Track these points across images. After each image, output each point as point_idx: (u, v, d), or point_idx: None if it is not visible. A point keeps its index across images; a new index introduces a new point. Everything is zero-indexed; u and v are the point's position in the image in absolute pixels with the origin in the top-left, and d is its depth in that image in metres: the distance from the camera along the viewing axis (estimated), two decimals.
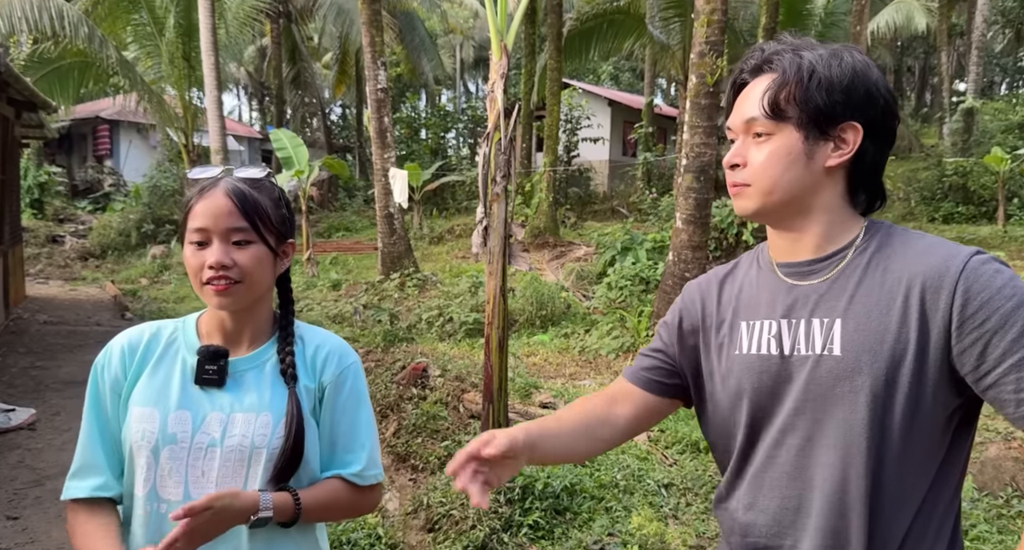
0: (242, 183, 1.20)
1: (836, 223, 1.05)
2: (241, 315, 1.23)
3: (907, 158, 15.86)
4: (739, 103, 1.08)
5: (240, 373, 1.22)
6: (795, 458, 1.02)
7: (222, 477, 1.16)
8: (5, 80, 6.78)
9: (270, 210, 1.21)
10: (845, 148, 1.02)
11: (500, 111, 3.36)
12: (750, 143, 1.05)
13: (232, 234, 1.16)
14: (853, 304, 0.99)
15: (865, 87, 1.01)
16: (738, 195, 1.07)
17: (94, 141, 21.46)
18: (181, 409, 1.18)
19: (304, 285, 10.92)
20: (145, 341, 1.23)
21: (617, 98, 21.37)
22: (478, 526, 3.23)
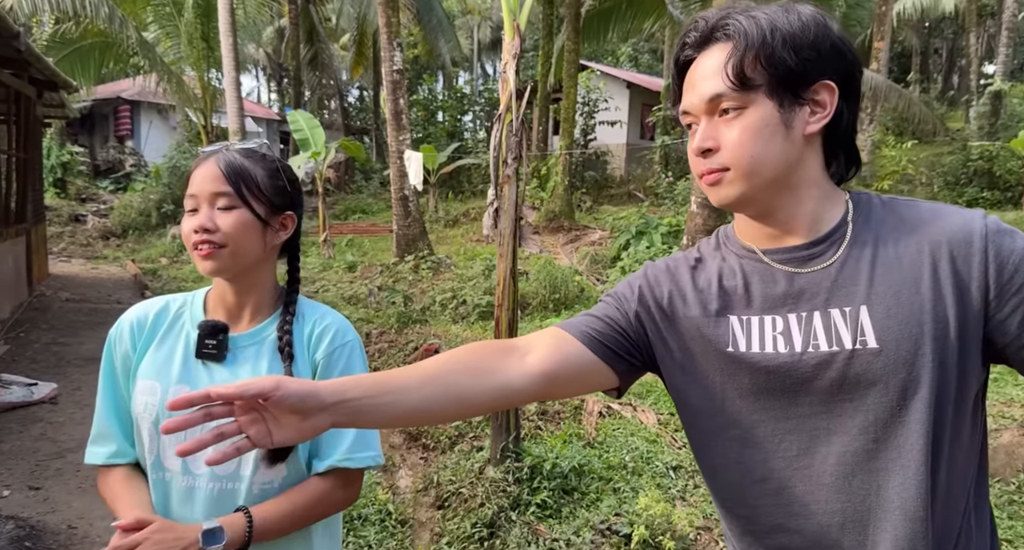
0: (235, 153, 1.23)
1: (823, 197, 0.94)
2: (240, 288, 1.25)
3: (931, 142, 15.54)
4: (690, 83, 0.94)
5: (240, 348, 1.23)
6: (835, 467, 0.89)
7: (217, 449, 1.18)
8: (26, 60, 6.86)
9: (260, 179, 1.22)
10: (822, 111, 0.91)
11: (512, 92, 3.34)
12: (718, 123, 0.92)
13: (216, 198, 1.19)
14: (875, 286, 0.88)
15: (830, 40, 0.90)
16: (717, 183, 0.93)
17: (115, 121, 21.67)
18: (181, 383, 1.20)
19: (320, 267, 11.01)
20: (153, 315, 1.27)
21: (636, 80, 21.11)
22: (487, 504, 3.28)
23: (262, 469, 1.19)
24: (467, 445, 4.18)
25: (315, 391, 0.84)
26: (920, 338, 0.85)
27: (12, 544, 3.00)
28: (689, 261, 1.05)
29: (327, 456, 1.22)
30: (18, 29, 5.81)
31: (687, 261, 1.05)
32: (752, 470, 0.95)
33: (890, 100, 12.17)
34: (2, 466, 3.91)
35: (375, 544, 3.09)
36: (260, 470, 1.19)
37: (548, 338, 1.02)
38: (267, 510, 1.16)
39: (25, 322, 7.45)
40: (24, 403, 4.88)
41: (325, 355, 1.25)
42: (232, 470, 1.19)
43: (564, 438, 4.07)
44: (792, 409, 0.92)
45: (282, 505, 1.17)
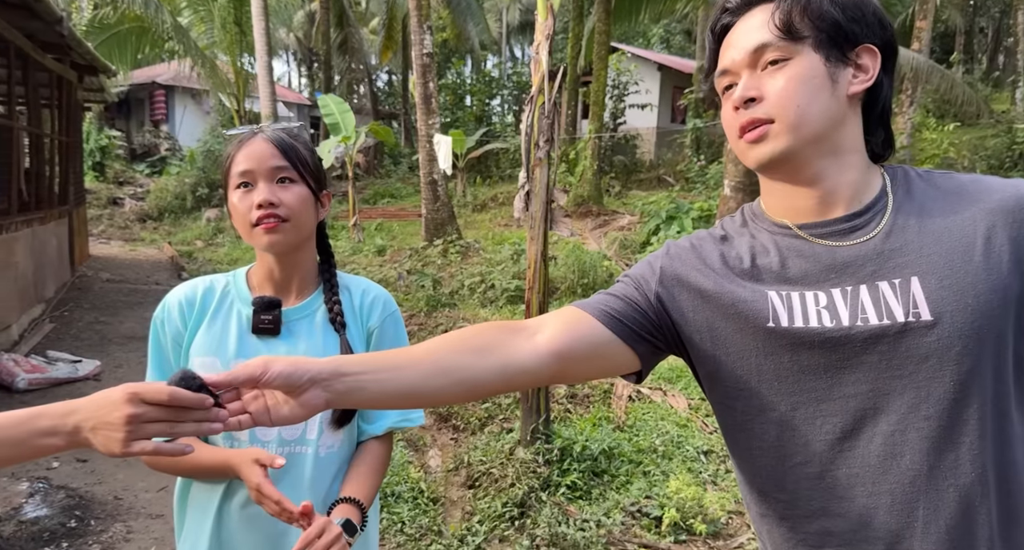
0: (280, 132, 1.28)
1: (864, 168, 0.92)
2: (288, 263, 1.28)
3: (975, 125, 15.06)
4: (729, 43, 0.93)
5: (293, 322, 1.28)
6: (882, 448, 0.85)
7: None
8: (68, 44, 7.01)
9: (307, 155, 1.27)
10: (864, 75, 0.89)
11: (544, 74, 3.32)
12: (761, 75, 0.89)
13: (276, 172, 1.22)
14: (925, 256, 0.85)
15: (873, 9, 0.90)
16: (760, 138, 0.89)
17: (151, 106, 22.05)
18: (239, 357, 1.24)
19: (350, 250, 11.13)
20: (201, 294, 1.30)
21: (667, 62, 20.78)
22: (517, 484, 3.32)
23: (327, 433, 1.25)
24: (497, 427, 4.22)
25: (306, 368, 0.84)
26: (976, 308, 0.82)
27: (63, 512, 3.14)
28: (715, 238, 1.00)
29: (381, 418, 1.30)
30: (61, 14, 5.94)
31: (712, 238, 1.01)
32: (792, 454, 0.91)
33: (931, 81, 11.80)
34: None
35: (408, 520, 3.15)
36: (324, 434, 1.25)
37: (561, 316, 0.98)
38: (363, 488, 1.25)
39: (68, 301, 7.69)
40: (69, 379, 5.06)
41: (379, 324, 1.32)
42: (298, 435, 1.24)
43: (593, 421, 4.09)
44: (836, 389, 0.87)
45: (369, 479, 1.27)
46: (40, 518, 3.06)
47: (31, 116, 7.23)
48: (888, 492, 0.86)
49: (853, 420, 0.87)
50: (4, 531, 2.94)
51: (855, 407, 0.87)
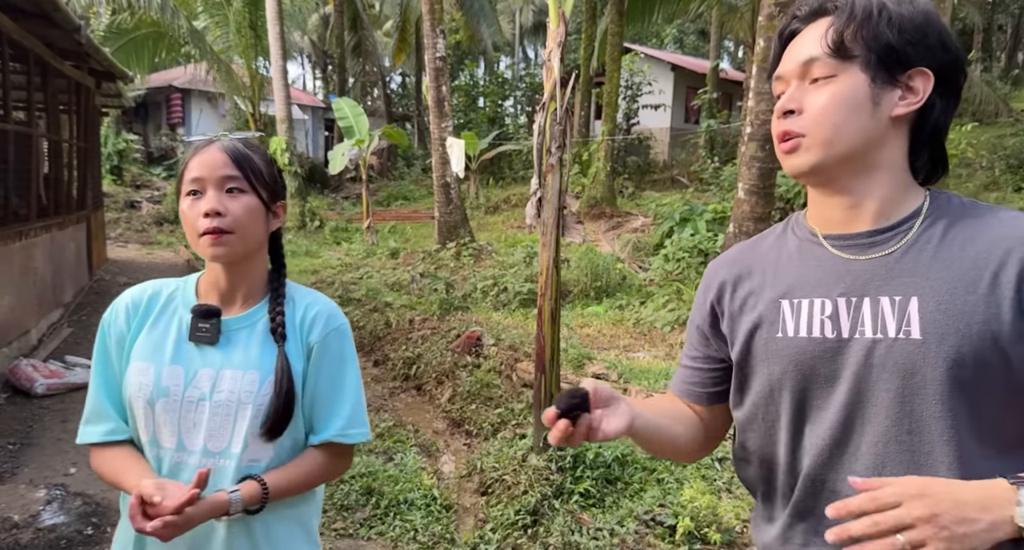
0: (235, 141, 1.27)
1: (900, 187, 0.93)
2: (236, 272, 1.28)
3: (993, 124, 14.84)
4: (791, 51, 0.96)
5: (233, 332, 1.26)
6: (867, 457, 0.89)
7: (210, 429, 1.22)
8: (86, 52, 7.09)
9: (262, 166, 1.27)
10: (913, 97, 0.90)
11: (556, 80, 3.32)
12: (807, 88, 0.92)
13: (226, 182, 1.22)
14: (931, 280, 0.87)
15: (938, 32, 0.90)
16: (792, 149, 0.93)
17: (168, 109, 22.27)
18: (174, 364, 1.24)
19: (364, 253, 11.18)
20: (147, 298, 1.30)
21: (680, 62, 20.69)
22: (530, 492, 3.31)
23: (252, 447, 1.23)
24: (509, 432, 4.21)
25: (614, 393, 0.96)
26: (966, 336, 0.84)
27: (80, 519, 3.17)
28: (751, 249, 1.08)
29: (322, 431, 1.28)
30: (79, 22, 6.01)
31: (741, 252, 1.08)
32: (788, 458, 0.96)
33: None
34: (68, 444, 4.11)
35: (421, 528, 3.15)
36: (250, 448, 1.23)
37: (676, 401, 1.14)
38: (276, 477, 1.23)
39: (86, 305, 7.78)
40: (87, 384, 5.11)
41: (320, 340, 1.29)
42: (223, 447, 1.23)
43: None
44: (830, 398, 0.92)
45: (289, 472, 1.25)
46: (57, 525, 3.09)
47: (50, 122, 7.33)
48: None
49: (843, 429, 0.91)
50: (22, 538, 2.98)
51: (845, 416, 0.91)
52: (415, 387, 5.44)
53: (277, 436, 1.23)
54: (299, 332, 1.28)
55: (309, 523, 1.36)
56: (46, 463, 3.82)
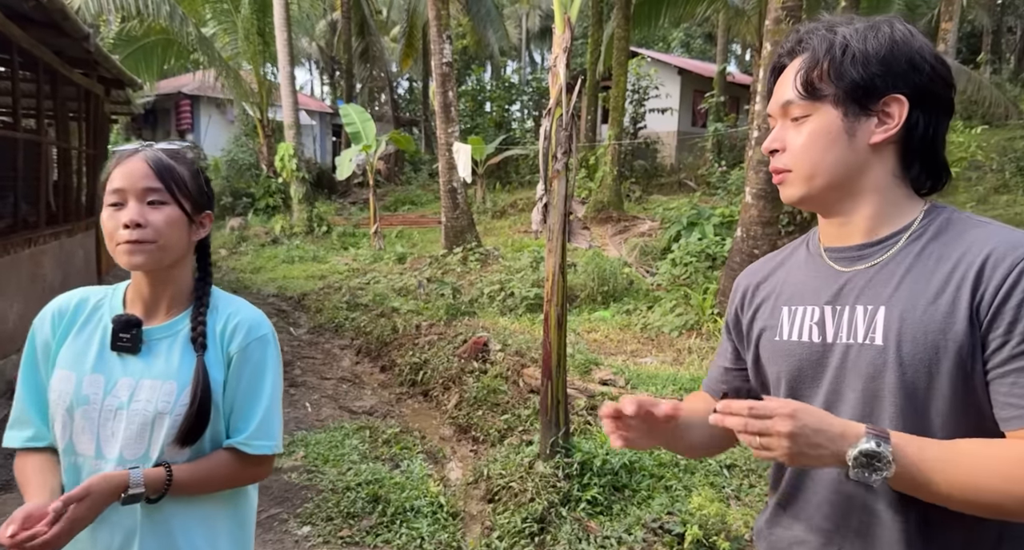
0: (159, 152, 1.26)
1: (889, 204, 1.00)
2: (158, 281, 1.28)
3: (1003, 126, 14.73)
4: (777, 87, 1.05)
5: (155, 341, 1.27)
6: None
7: (127, 438, 1.23)
8: (95, 60, 7.15)
9: (186, 177, 1.26)
10: (890, 122, 0.97)
11: (562, 86, 3.30)
12: (788, 127, 1.02)
13: (147, 194, 1.22)
14: (899, 291, 0.95)
15: (907, 56, 0.96)
16: (782, 182, 1.04)
17: (177, 116, 22.41)
18: (95, 373, 1.24)
19: (371, 258, 11.20)
20: (73, 305, 1.30)
21: (687, 66, 20.66)
22: (536, 499, 3.29)
23: (169, 452, 1.23)
24: (516, 439, 4.19)
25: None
26: (924, 344, 0.91)
27: None
28: (767, 261, 1.20)
29: (231, 436, 1.29)
30: (88, 31, 6.06)
31: (765, 262, 1.20)
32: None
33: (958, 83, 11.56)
34: None
35: (427, 536, 3.14)
36: (167, 453, 1.23)
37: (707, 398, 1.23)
38: (181, 468, 1.23)
39: None
40: None
41: (240, 349, 1.29)
42: (141, 454, 1.23)
43: None
44: (815, 397, 1.01)
45: (193, 467, 1.25)
46: None
47: (59, 130, 7.38)
48: (847, 491, 0.99)
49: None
50: None
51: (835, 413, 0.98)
52: (422, 393, 5.44)
53: (190, 445, 1.23)
54: (219, 341, 1.28)
55: (234, 532, 1.35)
56: None
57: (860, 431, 0.86)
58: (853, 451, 0.85)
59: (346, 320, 7.45)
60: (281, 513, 3.35)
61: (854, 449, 0.84)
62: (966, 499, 0.85)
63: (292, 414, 4.84)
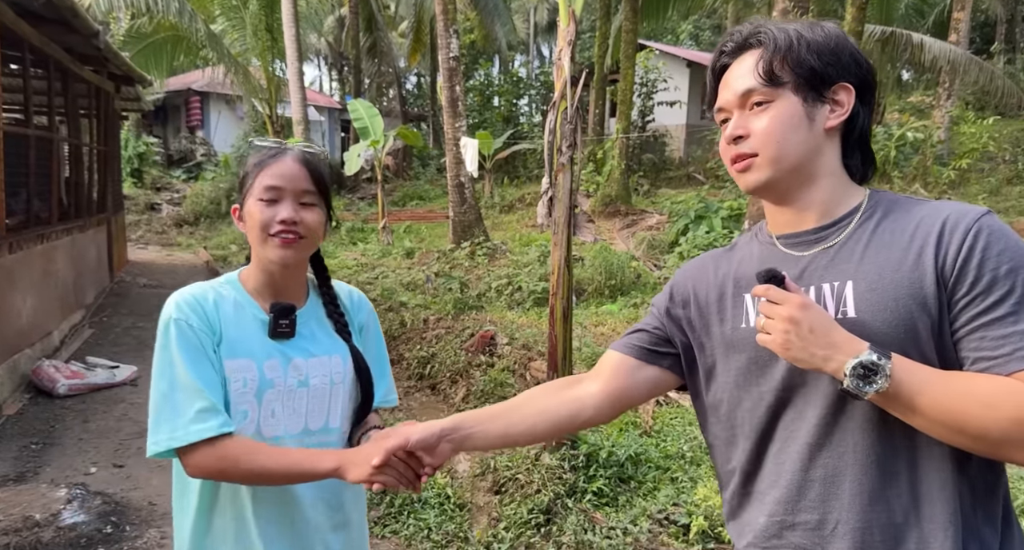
0: (310, 155, 1.37)
1: (839, 187, 1.06)
2: (290, 273, 1.38)
3: (1016, 117, 14.56)
4: (725, 83, 1.09)
5: (301, 324, 1.39)
6: (819, 427, 0.99)
7: (310, 411, 1.36)
8: (105, 57, 7.20)
9: (327, 180, 1.39)
10: (841, 109, 1.04)
11: (567, 79, 3.31)
12: (748, 115, 1.05)
13: (303, 195, 1.32)
14: (863, 264, 0.99)
15: (849, 51, 1.04)
16: (746, 168, 1.06)
17: (187, 112, 22.54)
18: (271, 358, 1.33)
19: (379, 253, 11.23)
20: (212, 299, 1.33)
21: (696, 58, 20.52)
22: (543, 490, 3.31)
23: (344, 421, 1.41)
24: None
25: (433, 431, 1.19)
26: (895, 311, 0.95)
27: (100, 518, 3.22)
28: (720, 253, 1.21)
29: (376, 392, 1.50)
30: (97, 28, 6.11)
31: (711, 256, 1.22)
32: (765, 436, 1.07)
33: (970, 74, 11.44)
34: (89, 444, 4.18)
35: (434, 527, 3.17)
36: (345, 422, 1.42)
37: (606, 362, 1.23)
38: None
39: (107, 307, 7.91)
40: (108, 384, 5.20)
41: (365, 321, 1.50)
42: (322, 424, 1.37)
43: (620, 426, 4.06)
44: (792, 379, 1.02)
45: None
46: (78, 524, 3.15)
47: (70, 127, 7.45)
48: (822, 466, 1.00)
49: (803, 403, 1.02)
50: (44, 536, 3.03)
51: (803, 393, 1.02)
52: (429, 386, 5.47)
53: (363, 418, 1.43)
54: (351, 317, 1.47)
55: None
56: (67, 463, 3.89)
57: (862, 346, 0.90)
58: (853, 361, 0.88)
59: None
60: None
61: (855, 359, 0.89)
62: (951, 422, 0.88)
63: None
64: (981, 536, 0.96)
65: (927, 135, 9.35)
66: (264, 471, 1.24)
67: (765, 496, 1.06)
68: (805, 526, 1.02)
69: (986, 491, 0.97)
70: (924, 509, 0.95)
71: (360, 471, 1.21)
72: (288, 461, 1.25)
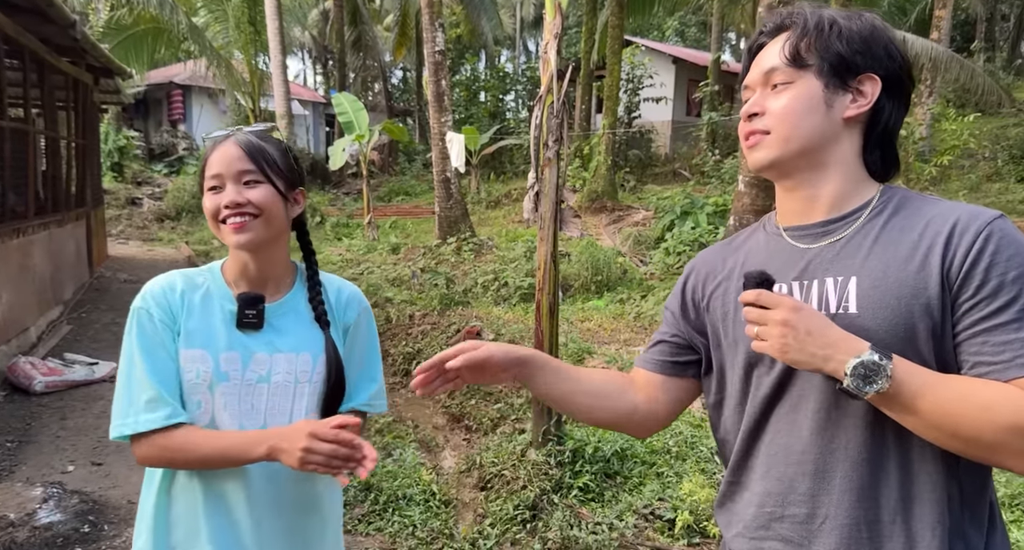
0: (249, 135, 1.32)
1: (851, 181, 1.05)
2: (263, 259, 1.32)
3: (996, 114, 14.74)
4: (756, 62, 1.08)
5: (275, 316, 1.33)
6: (813, 422, 0.99)
7: (270, 409, 1.29)
8: (83, 48, 7.07)
9: (276, 156, 1.32)
10: (863, 100, 1.02)
11: (553, 73, 3.28)
12: (769, 94, 1.05)
13: (242, 175, 1.28)
14: (869, 260, 0.98)
15: (884, 42, 1.02)
16: (756, 145, 1.05)
17: (168, 106, 22.23)
18: (230, 350, 1.28)
19: (365, 248, 11.16)
20: (180, 287, 1.31)
21: (682, 55, 20.58)
22: (529, 486, 3.29)
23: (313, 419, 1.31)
24: (509, 427, 4.20)
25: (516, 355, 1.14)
26: (896, 309, 0.94)
27: (77, 517, 3.16)
28: (721, 247, 1.21)
29: (351, 399, 1.40)
30: (74, 18, 5.98)
31: (719, 248, 1.21)
32: (758, 427, 1.06)
33: (951, 71, 11.54)
34: (66, 442, 4.11)
35: (419, 524, 3.14)
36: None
37: (638, 381, 1.23)
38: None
39: (86, 303, 7.78)
40: (86, 381, 5.11)
41: (355, 320, 1.41)
42: (284, 424, 1.28)
43: None
44: (790, 372, 1.01)
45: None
46: (54, 523, 3.08)
47: (47, 119, 7.30)
48: (812, 461, 1.00)
49: (798, 397, 1.01)
50: (18, 537, 2.97)
51: (799, 386, 1.01)
52: None
53: (331, 414, 1.30)
54: (336, 315, 1.38)
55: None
56: (44, 461, 3.82)
57: (862, 346, 0.89)
58: (855, 361, 0.88)
59: None
60: None
61: (856, 359, 0.88)
62: (946, 426, 0.87)
63: None
64: (967, 537, 0.95)
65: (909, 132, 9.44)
66: (204, 458, 1.24)
67: (755, 487, 1.06)
68: (793, 519, 1.01)
69: (974, 493, 0.97)
70: (914, 509, 0.95)
71: (289, 458, 1.17)
72: (223, 445, 1.23)
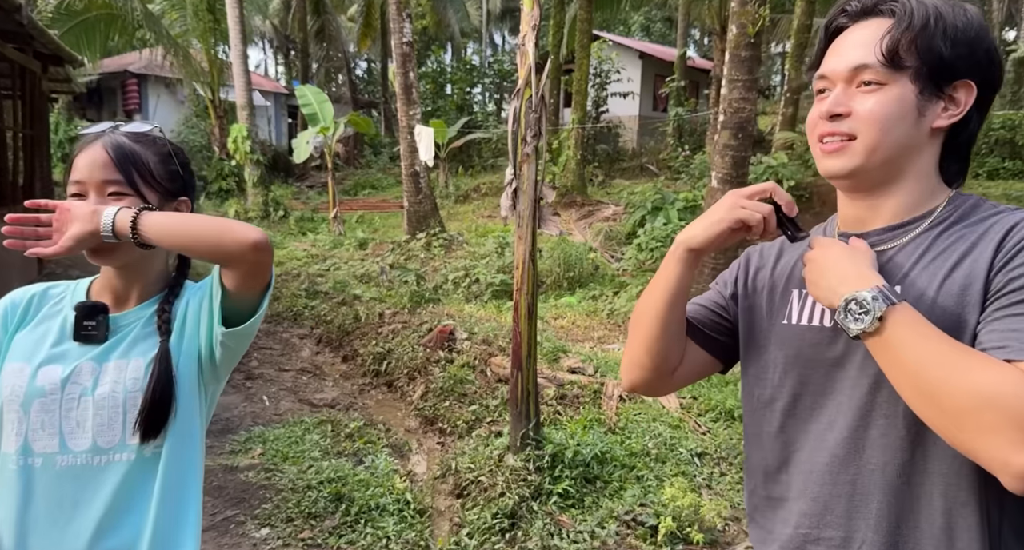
0: (124, 137, 1.16)
1: (924, 191, 0.97)
2: (129, 274, 1.19)
3: None
4: (837, 49, 0.96)
5: (123, 327, 1.19)
6: (847, 441, 0.94)
7: (99, 425, 1.12)
8: (29, 33, 6.70)
9: (152, 164, 1.17)
10: (955, 109, 0.92)
11: (531, 66, 3.17)
12: (854, 92, 0.93)
13: (106, 186, 1.13)
14: (915, 270, 0.92)
15: (986, 46, 0.92)
16: (837, 151, 0.94)
17: (123, 96, 21.44)
18: (52, 363, 1.14)
19: (331, 244, 10.91)
20: (27, 300, 1.21)
21: (648, 50, 20.64)
22: (507, 493, 3.19)
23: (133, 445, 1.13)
24: (485, 430, 4.09)
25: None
26: (940, 324, 0.86)
27: None
28: (781, 243, 1.13)
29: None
30: (19, 2, 5.65)
31: (779, 243, 1.13)
32: (793, 440, 1.01)
33: None
34: None
35: (394, 535, 3.02)
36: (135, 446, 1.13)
37: None
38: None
39: None
40: None
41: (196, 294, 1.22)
42: (117, 441, 1.12)
43: (584, 423, 3.98)
44: (829, 384, 0.96)
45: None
46: None
47: None
48: (850, 482, 0.94)
49: (835, 412, 0.96)
50: None
51: (838, 402, 0.95)
52: (386, 384, 5.28)
53: (153, 436, 1.12)
54: (184, 319, 1.21)
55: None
56: None
57: (868, 283, 0.85)
58: (848, 295, 0.85)
59: (305, 308, 7.21)
60: (238, 515, 3.18)
61: (851, 293, 0.85)
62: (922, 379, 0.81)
63: (248, 408, 4.64)
64: None
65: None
66: None
67: (792, 506, 1.01)
68: (829, 542, 0.96)
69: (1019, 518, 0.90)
70: (957, 543, 0.88)
71: None
72: None
